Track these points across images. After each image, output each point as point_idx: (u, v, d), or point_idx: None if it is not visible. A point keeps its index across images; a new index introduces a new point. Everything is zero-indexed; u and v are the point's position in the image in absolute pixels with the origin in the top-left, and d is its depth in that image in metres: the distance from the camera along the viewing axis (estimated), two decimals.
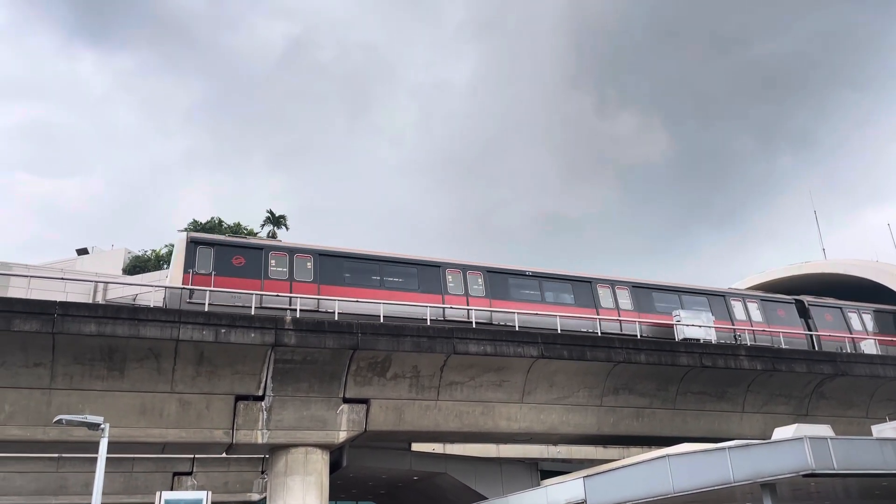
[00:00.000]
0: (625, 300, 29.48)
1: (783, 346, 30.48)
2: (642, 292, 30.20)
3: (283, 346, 21.79)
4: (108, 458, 17.66)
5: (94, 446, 18.28)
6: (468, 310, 26.44)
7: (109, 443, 17.68)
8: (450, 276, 27.36)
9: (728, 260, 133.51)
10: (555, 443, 33.13)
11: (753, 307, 32.12)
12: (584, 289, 29.34)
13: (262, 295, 23.77)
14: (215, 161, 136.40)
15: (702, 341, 28.52)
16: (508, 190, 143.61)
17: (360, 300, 24.83)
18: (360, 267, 26.48)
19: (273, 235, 58.51)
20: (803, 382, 29.64)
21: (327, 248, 26.53)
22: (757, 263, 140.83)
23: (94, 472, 17.48)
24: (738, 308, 31.68)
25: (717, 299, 31.66)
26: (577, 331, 27.46)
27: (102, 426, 17.16)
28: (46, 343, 19.96)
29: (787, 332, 31.77)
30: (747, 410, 29.49)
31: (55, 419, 17.09)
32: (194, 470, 34.07)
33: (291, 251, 25.65)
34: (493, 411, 25.54)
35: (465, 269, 27.91)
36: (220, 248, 24.70)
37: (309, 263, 25.51)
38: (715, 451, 18.20)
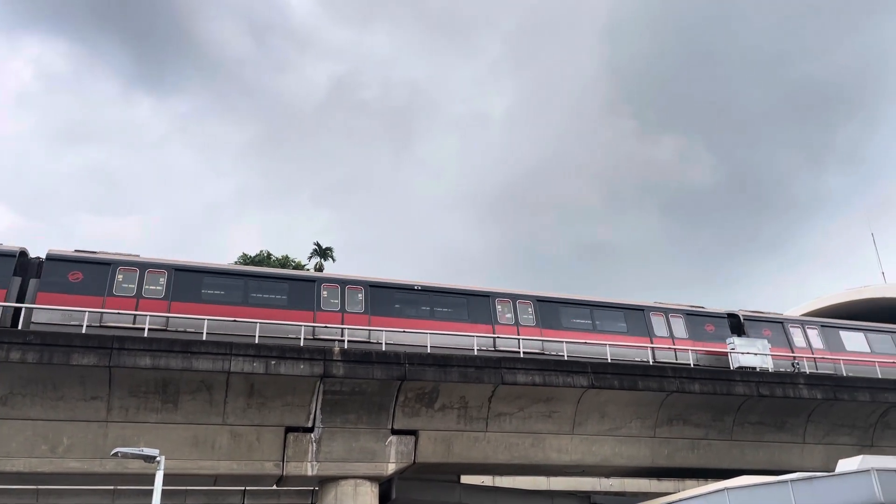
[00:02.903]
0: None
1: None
2: None
3: (332, 378, 21.87)
4: (161, 491, 17.84)
5: (148, 479, 18.54)
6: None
7: (163, 475, 17.88)
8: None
9: (780, 285, 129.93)
10: (607, 475, 32.40)
11: None
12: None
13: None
14: (265, 198, 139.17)
15: (758, 369, 27.70)
16: (552, 219, 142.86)
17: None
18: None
19: (320, 267, 59.40)
20: (867, 412, 28.46)
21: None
22: (811, 288, 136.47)
23: None
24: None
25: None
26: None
27: (158, 459, 17.37)
28: (103, 377, 20.42)
29: None
30: (808, 441, 28.41)
31: (112, 452, 17.37)
32: (245, 502, 34.19)
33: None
34: (544, 443, 25.12)
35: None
36: None
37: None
38: (776, 483, 17.65)
